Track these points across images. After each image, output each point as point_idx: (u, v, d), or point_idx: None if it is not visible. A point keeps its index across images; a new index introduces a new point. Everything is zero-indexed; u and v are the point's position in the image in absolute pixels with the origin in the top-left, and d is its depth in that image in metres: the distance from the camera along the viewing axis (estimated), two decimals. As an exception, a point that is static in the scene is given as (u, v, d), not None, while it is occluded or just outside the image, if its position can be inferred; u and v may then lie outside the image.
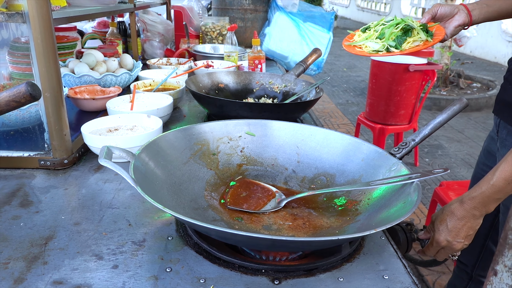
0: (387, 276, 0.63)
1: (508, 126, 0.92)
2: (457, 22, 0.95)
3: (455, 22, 0.96)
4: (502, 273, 0.38)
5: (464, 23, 0.97)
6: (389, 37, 0.98)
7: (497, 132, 0.97)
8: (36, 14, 0.83)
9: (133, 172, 0.66)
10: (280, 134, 0.96)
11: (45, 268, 0.62)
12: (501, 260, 0.38)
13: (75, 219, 0.76)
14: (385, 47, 0.99)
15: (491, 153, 1.07)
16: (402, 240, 0.80)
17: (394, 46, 0.99)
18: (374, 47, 1.00)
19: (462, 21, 0.95)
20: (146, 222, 0.76)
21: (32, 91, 0.60)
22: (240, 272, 0.63)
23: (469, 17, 0.95)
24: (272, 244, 0.60)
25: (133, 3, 1.83)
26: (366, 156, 0.85)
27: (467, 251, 1.14)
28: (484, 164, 1.10)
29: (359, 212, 0.76)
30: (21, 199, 0.83)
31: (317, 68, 2.62)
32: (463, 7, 0.96)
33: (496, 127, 0.98)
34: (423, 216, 2.58)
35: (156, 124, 1.06)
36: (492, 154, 1.07)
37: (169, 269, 0.63)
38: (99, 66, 1.53)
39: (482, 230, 1.10)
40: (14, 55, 1.49)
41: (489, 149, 1.08)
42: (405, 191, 0.70)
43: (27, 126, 1.10)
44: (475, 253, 1.13)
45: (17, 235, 0.71)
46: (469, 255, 1.14)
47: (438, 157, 3.50)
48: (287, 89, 1.44)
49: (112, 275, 0.61)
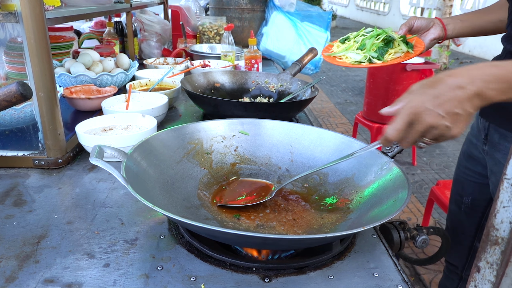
0: (377, 274, 0.63)
1: (500, 129, 0.92)
2: (432, 35, 0.97)
3: (431, 35, 0.98)
4: (485, 270, 0.38)
5: (439, 36, 0.99)
6: (370, 48, 0.98)
7: (486, 136, 0.97)
8: (29, 14, 0.83)
9: (125, 171, 0.66)
10: (273, 133, 0.97)
11: (36, 267, 0.63)
12: (484, 257, 0.39)
13: (68, 218, 0.76)
14: (367, 58, 0.99)
15: (472, 157, 1.07)
16: (395, 238, 0.80)
17: (377, 57, 0.99)
18: (356, 58, 1.00)
19: (437, 35, 0.97)
20: (139, 221, 0.76)
21: (23, 90, 0.60)
22: (231, 270, 0.63)
23: (444, 31, 0.98)
24: (262, 242, 0.60)
25: (129, 3, 1.83)
26: (359, 155, 0.86)
27: (456, 253, 1.15)
28: (466, 167, 1.10)
29: (351, 211, 0.77)
30: (14, 198, 0.83)
31: (314, 67, 2.62)
32: (438, 21, 0.98)
33: (484, 131, 0.97)
34: (420, 215, 2.58)
35: (150, 123, 1.06)
36: (473, 158, 1.07)
37: (160, 268, 0.63)
38: (95, 66, 1.53)
39: (469, 232, 1.11)
40: (10, 55, 1.49)
41: (469, 153, 1.09)
42: (397, 190, 0.71)
43: (21, 126, 1.11)
44: (464, 254, 1.14)
45: (9, 234, 0.71)
46: (458, 256, 1.15)
47: (436, 156, 3.51)
48: (282, 89, 1.44)
49: (103, 274, 0.62)
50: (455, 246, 1.15)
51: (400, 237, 0.81)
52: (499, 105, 0.90)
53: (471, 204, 1.10)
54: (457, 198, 1.14)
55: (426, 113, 0.59)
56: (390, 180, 0.74)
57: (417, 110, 0.59)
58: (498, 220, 0.37)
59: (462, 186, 1.12)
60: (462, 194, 1.12)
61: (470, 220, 1.10)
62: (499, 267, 0.37)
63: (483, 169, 1.05)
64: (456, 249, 1.15)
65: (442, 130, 0.59)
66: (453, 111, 0.58)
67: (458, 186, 1.14)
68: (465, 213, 1.12)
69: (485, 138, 0.97)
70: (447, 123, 0.58)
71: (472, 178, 1.08)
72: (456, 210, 1.15)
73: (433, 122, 0.58)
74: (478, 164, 1.06)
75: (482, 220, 1.08)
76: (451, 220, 1.19)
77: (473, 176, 1.08)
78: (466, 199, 1.10)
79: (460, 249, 1.14)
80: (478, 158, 1.06)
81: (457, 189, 1.15)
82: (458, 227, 1.15)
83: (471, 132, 1.10)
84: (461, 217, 1.13)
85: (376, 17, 12.84)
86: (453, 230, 1.17)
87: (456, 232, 1.15)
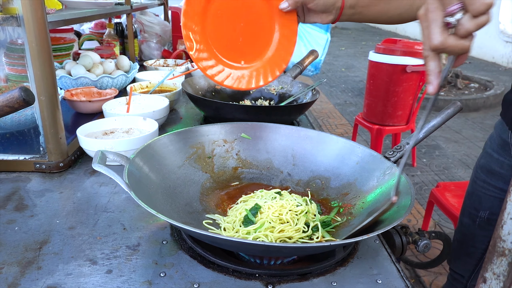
0: (381, 281, 0.63)
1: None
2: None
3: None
4: (491, 280, 0.38)
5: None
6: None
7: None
8: (30, 18, 0.83)
9: (127, 177, 0.66)
10: (275, 137, 0.96)
11: (39, 273, 0.62)
12: (490, 268, 0.38)
13: (70, 223, 0.76)
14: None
15: (492, 172, 1.04)
16: (397, 243, 0.80)
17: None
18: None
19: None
20: (141, 226, 0.76)
21: (26, 96, 0.60)
22: (234, 277, 0.63)
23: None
24: (265, 249, 0.60)
25: (129, 4, 1.83)
26: (361, 159, 0.86)
27: (463, 263, 1.13)
28: (485, 181, 1.06)
29: (354, 216, 0.77)
30: (16, 203, 0.83)
31: (314, 69, 2.62)
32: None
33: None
34: (420, 216, 2.58)
35: (151, 127, 1.06)
36: (493, 173, 1.03)
37: (163, 274, 0.63)
38: (95, 68, 1.53)
39: (481, 245, 1.08)
40: (11, 57, 1.49)
41: (489, 167, 1.05)
42: (400, 196, 0.70)
43: (22, 129, 1.10)
44: (472, 265, 1.10)
45: (11, 239, 0.71)
46: (466, 267, 1.12)
47: (436, 158, 3.51)
48: (283, 91, 1.44)
49: (106, 280, 0.61)
50: (463, 257, 1.12)
51: (402, 241, 0.81)
52: None
53: (487, 219, 1.06)
54: (472, 211, 1.10)
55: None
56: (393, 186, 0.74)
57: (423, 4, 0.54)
58: (505, 232, 0.37)
59: (479, 200, 1.08)
60: (478, 208, 1.08)
61: (484, 234, 1.06)
62: (506, 279, 0.37)
63: (505, 185, 1.01)
64: (464, 260, 1.12)
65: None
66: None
67: (475, 200, 1.09)
68: (479, 227, 1.08)
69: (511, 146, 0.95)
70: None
71: (492, 192, 1.04)
72: (470, 223, 1.11)
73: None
74: (500, 179, 1.02)
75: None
76: (461, 233, 1.15)
77: (493, 191, 1.04)
78: (483, 213, 1.07)
79: (468, 260, 1.10)
80: (499, 173, 1.02)
81: (472, 203, 1.10)
82: (469, 241, 1.11)
83: (490, 146, 1.06)
84: (474, 230, 1.09)
85: (376, 17, 12.83)
86: (463, 241, 1.13)
87: (466, 245, 1.11)
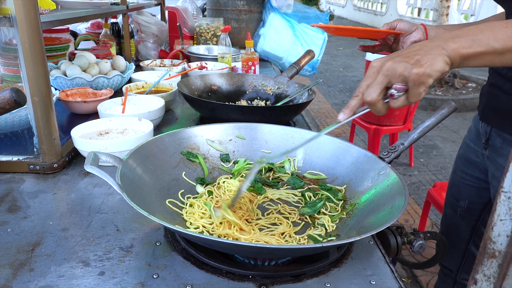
0: (374, 282, 0.63)
1: (503, 134, 0.92)
2: (414, 38, 0.99)
3: (412, 38, 0.99)
4: (482, 282, 0.38)
5: (420, 40, 1.00)
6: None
7: (487, 140, 0.97)
8: (23, 18, 0.82)
9: (120, 179, 0.65)
10: (270, 137, 0.96)
11: (31, 275, 0.62)
12: (481, 269, 0.38)
13: (63, 225, 0.75)
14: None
15: (469, 161, 1.08)
16: (392, 243, 0.80)
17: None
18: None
19: (418, 38, 0.99)
20: (135, 228, 0.75)
21: (17, 97, 0.60)
22: (227, 278, 0.63)
23: (425, 36, 0.99)
24: (258, 251, 0.60)
25: (125, 4, 1.82)
26: (356, 160, 0.85)
27: (451, 257, 1.15)
28: (463, 171, 1.11)
29: (348, 217, 0.76)
30: (9, 204, 0.82)
31: (312, 69, 2.62)
32: (421, 27, 1.01)
33: (486, 135, 0.97)
34: (417, 216, 2.59)
35: (146, 127, 1.06)
36: (470, 162, 1.08)
37: (156, 275, 0.63)
38: (91, 68, 1.52)
39: (464, 235, 1.11)
40: (6, 57, 1.48)
41: (467, 157, 1.09)
42: (394, 196, 0.70)
43: (16, 130, 1.10)
44: (458, 258, 1.14)
45: (4, 241, 0.70)
46: (453, 260, 1.15)
47: (433, 157, 3.51)
48: (279, 91, 1.44)
49: (98, 282, 0.61)
50: (450, 249, 1.15)
51: (397, 242, 0.80)
52: (503, 110, 0.90)
53: (467, 208, 1.10)
54: (453, 201, 1.14)
55: (388, 61, 0.63)
56: (387, 186, 0.74)
57: (381, 63, 0.63)
58: (495, 233, 0.37)
59: (458, 190, 1.12)
60: (458, 197, 1.12)
61: (466, 224, 1.11)
62: (496, 281, 0.37)
63: (480, 174, 1.05)
64: (451, 253, 1.15)
65: (404, 70, 0.60)
66: (414, 57, 0.61)
67: (455, 189, 1.14)
68: (460, 217, 1.12)
69: (486, 143, 0.97)
70: (408, 63, 0.61)
71: (469, 182, 1.08)
72: (452, 214, 1.15)
73: (396, 65, 0.61)
74: (476, 168, 1.06)
75: (477, 223, 1.08)
76: (445, 224, 1.19)
77: (471, 180, 1.08)
78: (463, 202, 1.11)
79: (454, 252, 1.14)
80: (476, 162, 1.06)
81: (453, 193, 1.15)
82: (453, 231, 1.15)
83: (468, 136, 1.10)
84: (456, 220, 1.13)
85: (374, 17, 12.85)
86: (447, 233, 1.17)
87: (450, 235, 1.16)
